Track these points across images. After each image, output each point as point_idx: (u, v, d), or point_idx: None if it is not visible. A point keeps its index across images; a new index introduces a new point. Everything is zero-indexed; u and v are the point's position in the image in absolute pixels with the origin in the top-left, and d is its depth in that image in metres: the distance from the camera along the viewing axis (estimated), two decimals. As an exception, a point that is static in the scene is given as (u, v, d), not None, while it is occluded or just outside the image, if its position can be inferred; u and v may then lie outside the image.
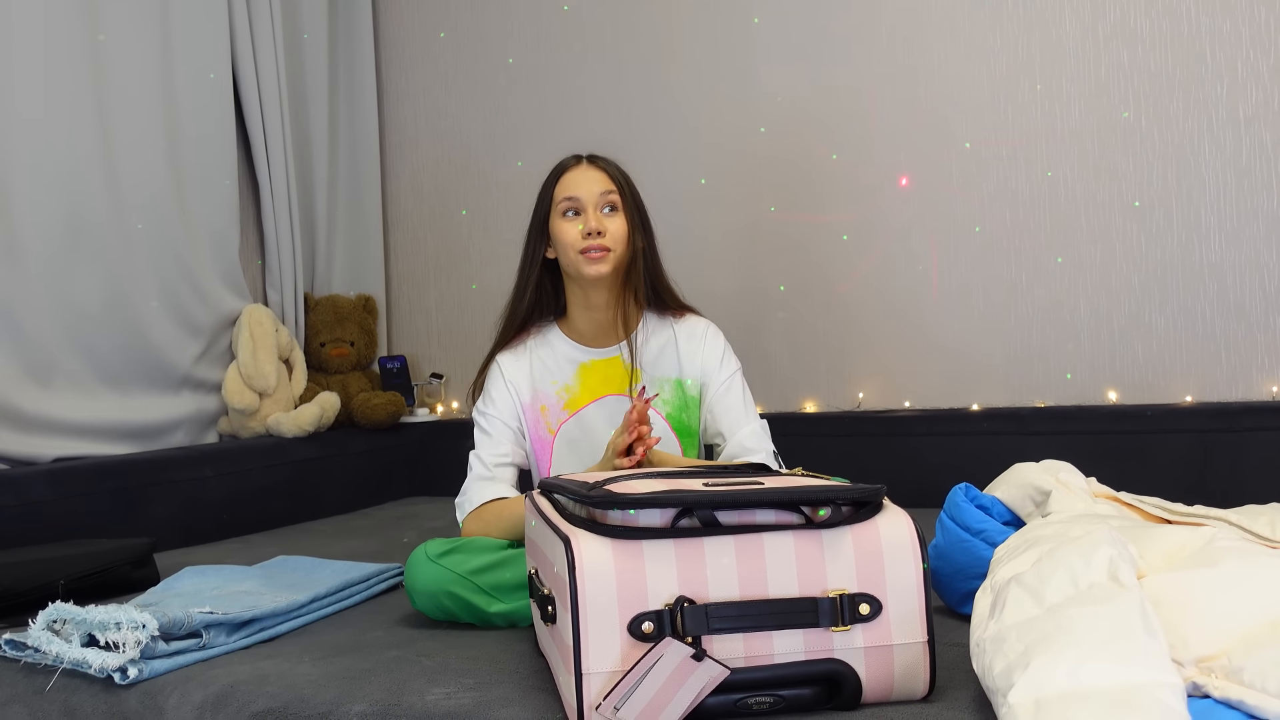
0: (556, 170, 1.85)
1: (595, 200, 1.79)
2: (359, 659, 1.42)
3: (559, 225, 1.80)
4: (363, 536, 2.47)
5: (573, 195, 1.79)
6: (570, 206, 1.79)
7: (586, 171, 1.82)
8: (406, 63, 3.38)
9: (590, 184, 1.80)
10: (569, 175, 1.82)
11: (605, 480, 1.22)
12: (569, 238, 1.78)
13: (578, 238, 1.77)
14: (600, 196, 1.79)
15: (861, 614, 1.11)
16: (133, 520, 2.34)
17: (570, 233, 1.78)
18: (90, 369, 2.53)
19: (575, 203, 1.79)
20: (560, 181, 1.82)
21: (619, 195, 1.81)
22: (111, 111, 2.57)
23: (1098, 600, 0.99)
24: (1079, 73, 2.52)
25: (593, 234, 1.76)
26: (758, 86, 2.84)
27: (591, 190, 1.79)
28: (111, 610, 1.41)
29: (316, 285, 3.26)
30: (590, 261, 1.77)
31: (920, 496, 2.51)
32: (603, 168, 1.83)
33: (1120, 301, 2.50)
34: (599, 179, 1.81)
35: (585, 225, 1.77)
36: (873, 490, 1.16)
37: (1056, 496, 1.44)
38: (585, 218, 1.78)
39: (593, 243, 1.76)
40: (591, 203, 1.79)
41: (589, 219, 1.77)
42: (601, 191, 1.80)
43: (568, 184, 1.81)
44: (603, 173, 1.82)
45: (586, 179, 1.80)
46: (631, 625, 1.07)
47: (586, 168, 1.82)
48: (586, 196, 1.79)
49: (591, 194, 1.79)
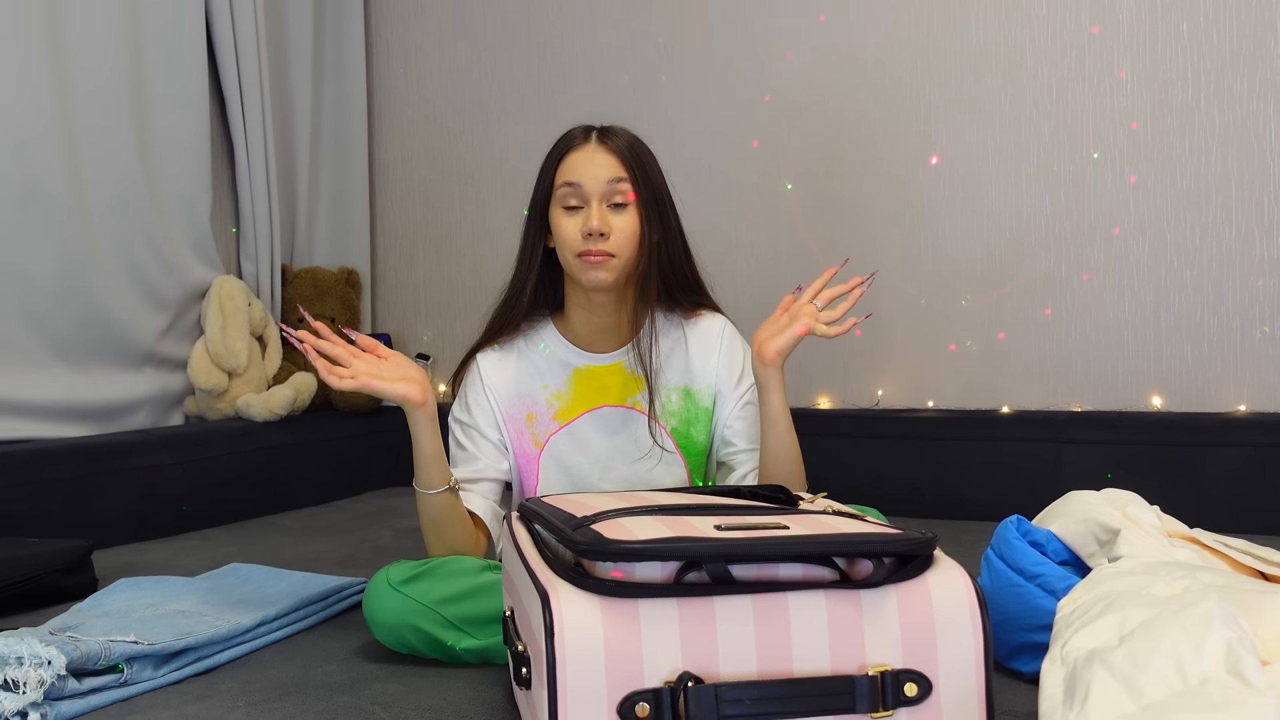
0: (560, 147, 1.56)
1: (601, 191, 1.51)
2: (302, 706, 1.21)
3: (558, 217, 1.53)
4: (333, 535, 2.27)
5: (574, 181, 1.51)
6: (571, 195, 1.52)
7: (594, 153, 1.53)
8: (397, 18, 3.14)
9: (597, 169, 1.51)
10: (573, 156, 1.53)
11: (594, 516, 1.00)
12: (567, 235, 1.51)
13: (576, 236, 1.50)
14: (607, 186, 1.51)
15: (907, 696, 0.90)
16: (79, 512, 2.14)
17: (569, 229, 1.51)
18: (42, 343, 2.31)
19: (577, 191, 1.51)
20: (563, 163, 1.54)
21: (631, 184, 1.52)
22: (68, 63, 2.33)
23: (1218, 705, 0.78)
24: (1132, 45, 2.29)
25: (593, 234, 1.49)
26: (774, 56, 2.61)
27: (597, 178, 1.51)
28: (12, 642, 1.19)
29: (296, 256, 3.03)
30: (589, 267, 1.51)
31: (942, 507, 2.33)
32: (614, 149, 1.53)
33: (1169, 298, 2.28)
34: (608, 164, 1.52)
35: (586, 223, 1.50)
36: (924, 541, 0.94)
37: (1126, 537, 1.22)
38: (587, 213, 1.50)
39: (593, 246, 1.49)
40: (596, 194, 1.51)
41: (591, 215, 1.50)
42: (609, 180, 1.51)
43: (571, 167, 1.53)
44: (613, 156, 1.52)
45: (593, 163, 1.52)
46: (622, 707, 0.86)
47: (595, 148, 1.53)
48: (591, 185, 1.51)
49: (597, 182, 1.51)
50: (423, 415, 1.46)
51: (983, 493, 2.30)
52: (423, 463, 1.47)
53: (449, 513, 1.48)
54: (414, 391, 1.44)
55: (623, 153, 1.53)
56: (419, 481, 1.48)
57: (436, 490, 1.47)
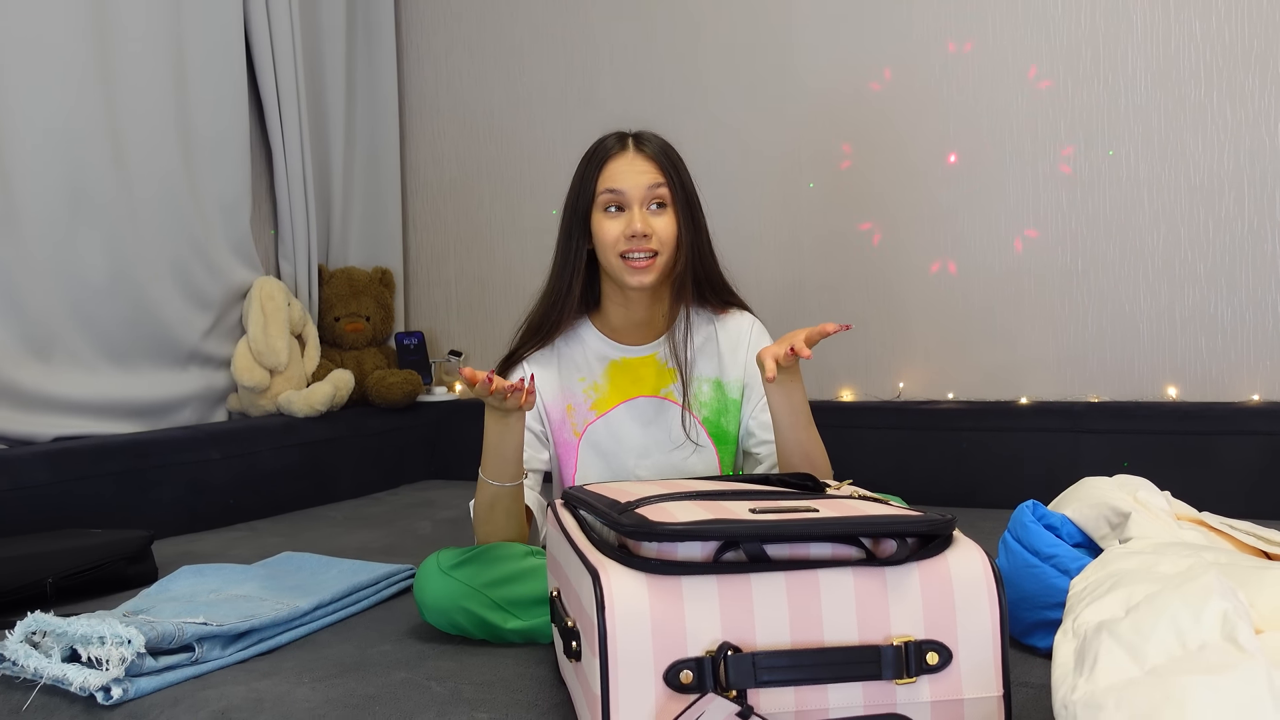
0: (598, 155, 1.65)
1: (641, 196, 1.61)
2: (363, 681, 1.29)
3: (600, 221, 1.62)
4: (375, 526, 2.36)
5: (616, 188, 1.61)
6: (613, 201, 1.61)
7: (633, 160, 1.63)
8: (427, 23, 3.22)
9: (637, 175, 1.61)
10: (614, 164, 1.63)
11: (638, 501, 1.08)
12: (610, 236, 1.61)
13: (619, 238, 1.60)
14: (647, 191, 1.61)
15: (929, 664, 0.97)
16: (135, 504, 2.23)
17: (612, 231, 1.61)
18: (93, 344, 2.41)
19: (619, 197, 1.61)
20: (604, 171, 1.63)
21: (669, 189, 1.62)
22: (116, 74, 2.44)
23: (1214, 668, 0.85)
24: (1145, 44, 2.35)
25: (637, 235, 1.59)
26: (795, 56, 2.68)
27: (638, 183, 1.61)
28: (95, 623, 1.29)
29: (331, 257, 3.13)
30: (633, 270, 1.60)
31: (963, 496, 2.39)
32: (651, 155, 1.63)
33: (1183, 291, 2.34)
34: (647, 170, 1.62)
35: (629, 225, 1.59)
36: (944, 522, 1.02)
37: (1136, 519, 1.29)
38: (630, 216, 1.60)
39: (637, 245, 1.59)
40: (638, 198, 1.61)
41: (634, 218, 1.60)
42: (649, 185, 1.61)
43: (612, 174, 1.62)
44: (651, 163, 1.63)
45: (633, 169, 1.62)
46: (668, 674, 0.94)
47: (633, 155, 1.63)
48: (632, 191, 1.61)
49: (638, 188, 1.61)
50: (522, 420, 1.52)
51: (1002, 482, 2.36)
52: (510, 458, 1.53)
53: (514, 504, 1.56)
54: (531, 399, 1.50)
55: (659, 158, 1.63)
56: (495, 475, 1.53)
57: (511, 483, 1.54)
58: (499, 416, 1.49)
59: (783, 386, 1.54)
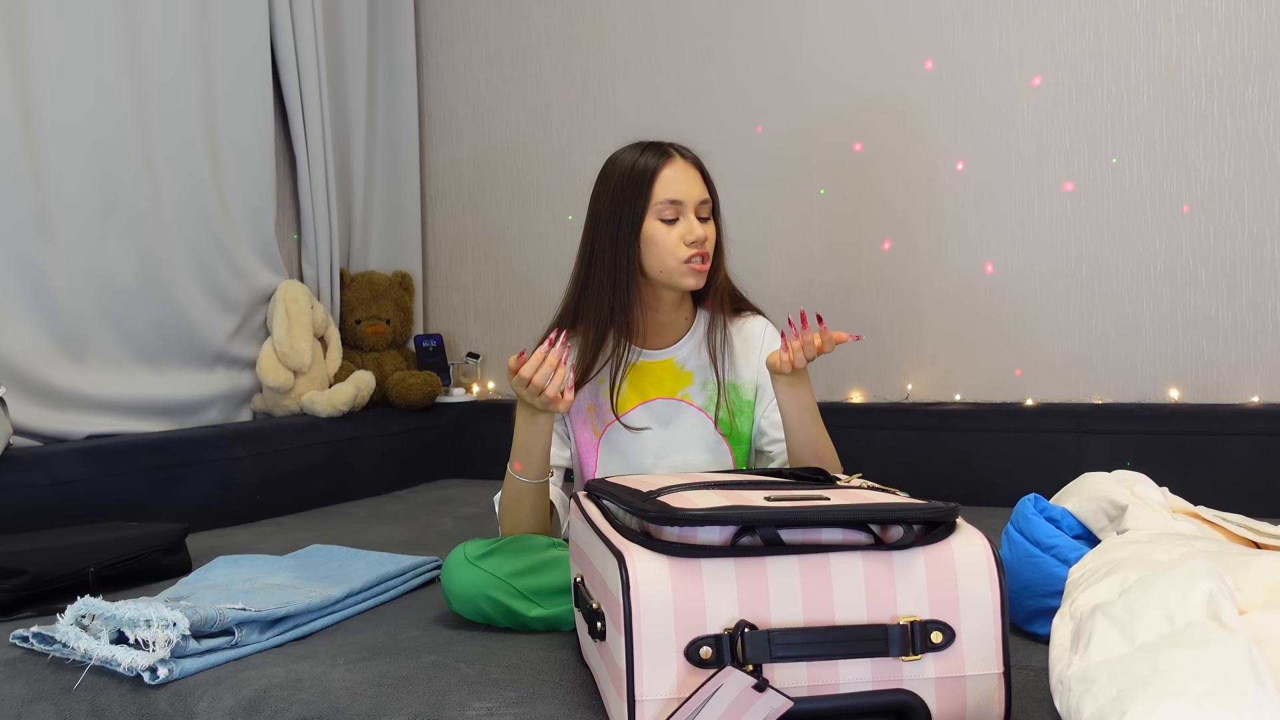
0: (649, 165, 1.68)
1: (695, 205, 1.68)
2: (395, 664, 1.36)
3: (657, 227, 1.67)
4: (398, 522, 2.42)
5: (677, 198, 1.67)
6: (671, 210, 1.67)
7: (686, 170, 1.69)
8: (446, 33, 3.30)
9: (689, 185, 1.68)
10: (668, 173, 1.68)
11: (659, 490, 1.15)
12: (669, 243, 1.67)
13: (679, 244, 1.67)
14: (698, 203, 1.69)
15: (933, 643, 1.04)
16: (166, 500, 2.31)
17: (670, 238, 1.67)
18: (124, 344, 2.49)
19: (677, 206, 1.67)
20: (660, 180, 1.67)
21: (712, 201, 1.72)
22: (147, 86, 2.52)
23: (1198, 643, 0.91)
24: (1148, 55, 2.41)
25: (699, 240, 1.66)
26: (806, 63, 2.74)
27: (693, 193, 1.68)
28: (141, 606, 1.36)
29: (353, 261, 3.20)
30: (696, 273, 1.68)
31: (970, 494, 2.44)
32: (697, 166, 1.72)
33: (1185, 295, 2.40)
34: (697, 181, 1.70)
35: (691, 231, 1.66)
36: (948, 510, 1.08)
37: (1133, 512, 1.36)
38: (688, 224, 1.67)
39: (697, 251, 1.67)
40: (691, 208, 1.68)
41: (693, 226, 1.67)
42: (700, 197, 1.69)
43: (669, 184, 1.67)
44: (699, 174, 1.71)
45: (687, 179, 1.69)
46: (689, 650, 1.01)
47: (685, 166, 1.70)
48: (688, 200, 1.68)
49: (693, 197, 1.68)
50: (550, 420, 1.59)
51: (1008, 481, 2.42)
52: (538, 456, 1.60)
53: (539, 499, 1.63)
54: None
55: (703, 169, 1.72)
56: (525, 472, 1.60)
57: (538, 480, 1.61)
58: (529, 415, 1.56)
59: (792, 387, 1.61)
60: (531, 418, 1.56)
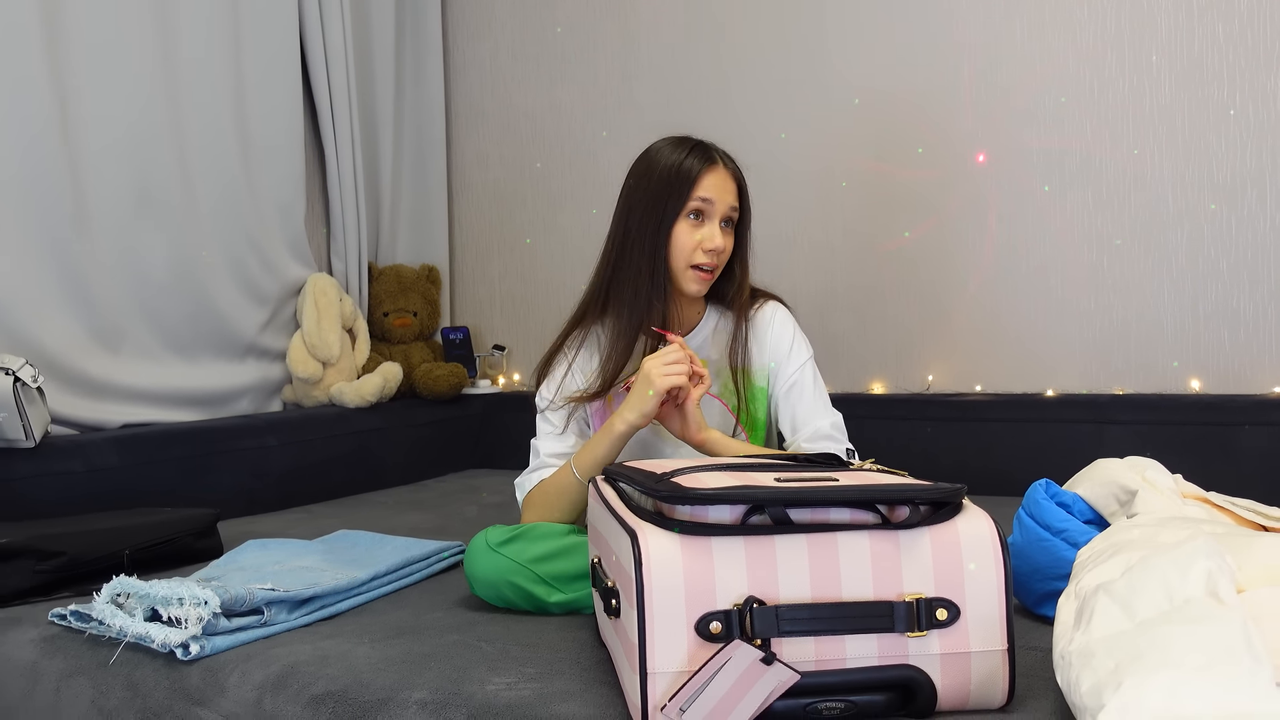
0: (695, 165, 1.70)
1: (724, 212, 1.71)
2: (418, 642, 1.40)
3: (682, 226, 1.70)
4: (424, 510, 2.47)
5: (709, 198, 1.69)
6: (701, 209, 1.70)
7: (725, 178, 1.71)
8: (473, 30, 3.34)
9: (724, 192, 1.71)
10: (710, 177, 1.70)
11: (673, 472, 1.18)
12: (686, 243, 1.69)
13: (693, 247, 1.69)
14: (729, 210, 1.71)
15: (938, 619, 1.06)
16: (198, 488, 2.36)
17: (691, 239, 1.69)
18: (158, 336, 2.54)
19: (708, 207, 1.70)
20: (701, 181, 1.69)
21: (739, 211, 1.74)
22: (180, 81, 2.57)
23: (1195, 619, 0.93)
24: (1170, 46, 2.41)
25: (716, 250, 1.69)
26: (828, 57, 2.76)
27: (724, 201, 1.70)
28: (174, 585, 1.41)
29: (380, 254, 3.25)
30: (699, 281, 1.71)
31: (991, 484, 2.45)
32: (735, 175, 1.74)
33: (1207, 286, 2.40)
34: (731, 190, 1.72)
35: (711, 239, 1.69)
36: (953, 490, 1.11)
37: (1143, 497, 1.37)
38: (712, 229, 1.69)
39: (707, 260, 1.69)
40: (720, 214, 1.70)
41: (714, 233, 1.69)
42: (731, 205, 1.71)
43: (707, 186, 1.69)
44: (734, 182, 1.73)
45: (723, 185, 1.71)
46: (699, 625, 1.04)
47: (724, 172, 1.72)
48: (719, 205, 1.70)
49: (723, 205, 1.70)
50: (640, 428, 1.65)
51: (1028, 470, 2.39)
52: (605, 460, 1.66)
53: (581, 497, 1.69)
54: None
55: (739, 178, 1.74)
56: (586, 473, 1.66)
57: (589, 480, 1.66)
58: (630, 423, 1.62)
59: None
60: (626, 431, 1.63)
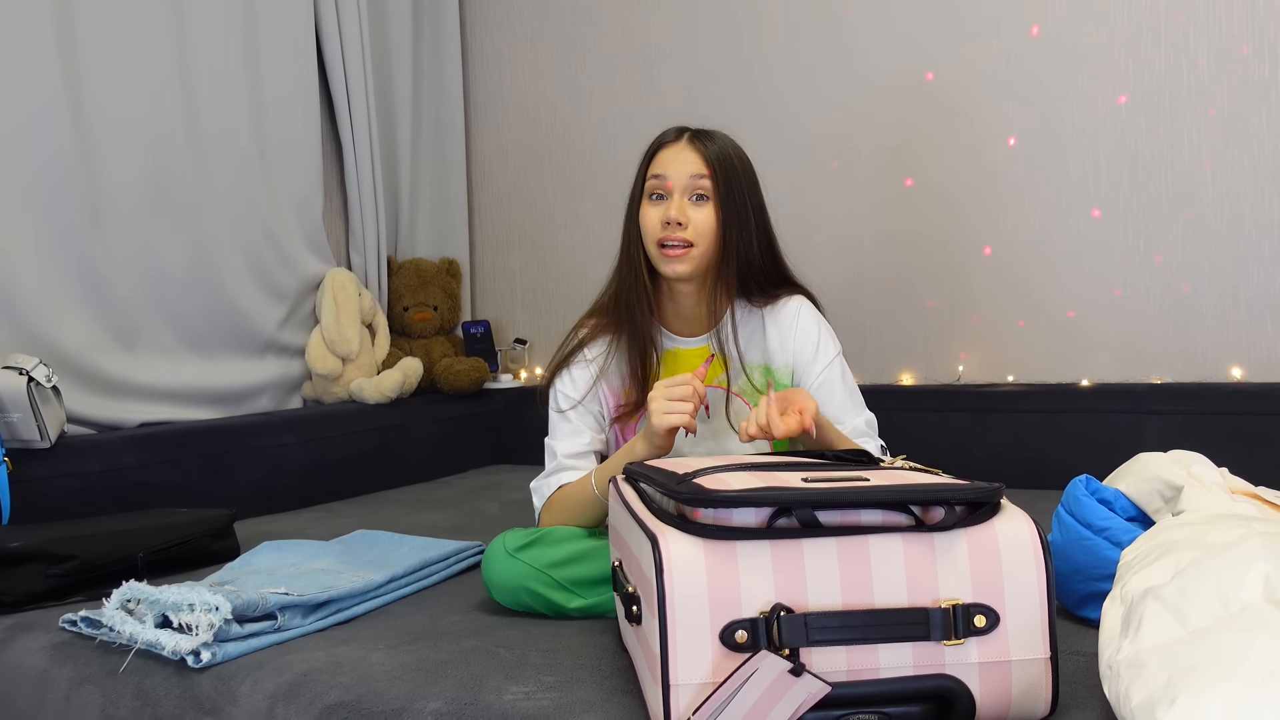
0: (654, 145, 1.68)
1: (684, 185, 1.63)
2: (435, 648, 1.36)
3: (644, 208, 1.66)
4: (444, 508, 2.43)
5: (660, 174, 1.64)
6: (656, 188, 1.65)
7: (681, 150, 1.65)
8: (491, 20, 3.29)
9: (682, 164, 1.63)
10: (664, 153, 1.65)
11: (695, 473, 1.13)
12: (649, 223, 1.64)
13: (657, 225, 1.63)
14: (690, 180, 1.63)
15: (976, 626, 1.00)
16: (217, 486, 2.33)
17: (651, 218, 1.64)
18: (175, 333, 2.52)
19: (661, 184, 1.64)
20: (654, 159, 1.66)
21: (711, 182, 1.63)
22: (196, 77, 2.54)
23: (1253, 627, 0.87)
24: (1208, 23, 2.33)
25: (671, 223, 1.61)
26: (853, 43, 2.70)
27: (681, 172, 1.63)
28: (185, 591, 1.37)
29: (400, 249, 3.22)
30: (667, 259, 1.63)
31: (1024, 478, 2.39)
32: (700, 148, 1.64)
33: (1248, 270, 2.32)
34: (692, 161, 1.63)
35: (666, 213, 1.62)
36: (991, 490, 1.05)
37: (1189, 493, 1.31)
38: (669, 204, 1.63)
39: (671, 234, 1.61)
40: (680, 187, 1.63)
41: (671, 206, 1.62)
42: (692, 175, 1.62)
43: (660, 162, 1.65)
44: (698, 155, 1.64)
45: (679, 159, 1.64)
46: (724, 634, 0.99)
47: (683, 146, 1.65)
48: (675, 178, 1.63)
49: (681, 176, 1.62)
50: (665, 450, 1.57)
51: (1064, 464, 2.35)
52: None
53: (603, 512, 1.62)
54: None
55: (708, 151, 1.64)
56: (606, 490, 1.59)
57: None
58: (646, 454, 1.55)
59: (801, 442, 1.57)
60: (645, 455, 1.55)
